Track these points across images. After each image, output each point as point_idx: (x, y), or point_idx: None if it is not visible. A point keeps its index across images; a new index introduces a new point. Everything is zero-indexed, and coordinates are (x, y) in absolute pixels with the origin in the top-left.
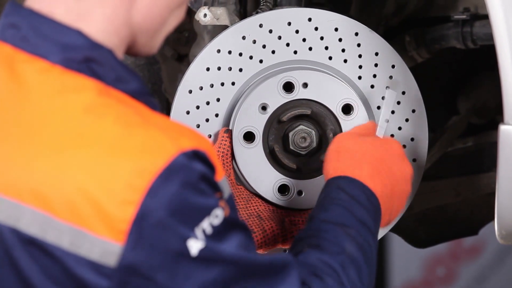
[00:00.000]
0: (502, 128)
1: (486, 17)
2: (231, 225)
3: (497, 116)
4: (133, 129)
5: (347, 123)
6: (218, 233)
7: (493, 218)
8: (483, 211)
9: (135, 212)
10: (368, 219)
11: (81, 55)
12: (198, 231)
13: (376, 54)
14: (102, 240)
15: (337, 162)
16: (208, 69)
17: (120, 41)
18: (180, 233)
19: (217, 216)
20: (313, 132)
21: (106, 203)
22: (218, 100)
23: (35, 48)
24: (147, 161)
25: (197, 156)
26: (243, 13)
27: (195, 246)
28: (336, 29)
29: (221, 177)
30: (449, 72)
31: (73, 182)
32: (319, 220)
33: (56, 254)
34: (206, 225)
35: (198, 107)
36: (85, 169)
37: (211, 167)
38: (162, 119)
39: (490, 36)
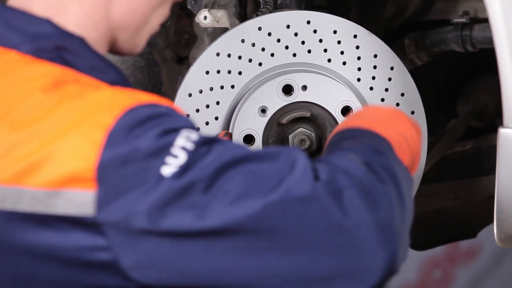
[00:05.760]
0: (502, 131)
1: (485, 20)
2: (209, 140)
3: (496, 120)
4: (92, 92)
5: None
6: (199, 147)
7: (491, 221)
8: (482, 214)
9: (97, 159)
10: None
11: (52, 44)
12: (168, 158)
13: (375, 56)
14: (75, 193)
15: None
16: (207, 72)
17: (100, 36)
18: (150, 165)
19: (190, 136)
20: (313, 135)
21: (69, 160)
22: (217, 103)
23: (6, 40)
24: (105, 114)
25: (157, 105)
26: (243, 16)
27: (167, 170)
28: (335, 32)
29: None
30: (448, 75)
31: (33, 150)
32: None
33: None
34: (180, 146)
35: (198, 110)
36: (44, 137)
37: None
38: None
39: (489, 40)
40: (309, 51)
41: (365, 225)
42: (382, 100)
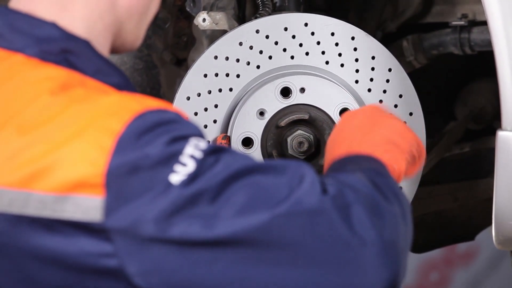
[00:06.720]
0: (500, 134)
1: (484, 23)
2: (217, 149)
3: (495, 122)
4: (100, 96)
5: None
6: (207, 156)
7: (490, 224)
8: (480, 216)
9: (106, 165)
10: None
11: (57, 47)
12: (177, 166)
13: (373, 58)
14: (83, 198)
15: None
16: (205, 75)
17: (105, 28)
18: (159, 173)
19: (199, 145)
20: (311, 137)
21: (78, 166)
22: (216, 106)
23: (10, 43)
24: (114, 120)
25: (166, 111)
26: (242, 18)
27: (176, 178)
28: (332, 34)
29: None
30: (446, 78)
31: (41, 154)
32: None
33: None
34: (188, 155)
35: (196, 114)
36: (52, 141)
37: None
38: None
39: (487, 42)
40: (307, 54)
41: (370, 242)
42: (380, 101)
